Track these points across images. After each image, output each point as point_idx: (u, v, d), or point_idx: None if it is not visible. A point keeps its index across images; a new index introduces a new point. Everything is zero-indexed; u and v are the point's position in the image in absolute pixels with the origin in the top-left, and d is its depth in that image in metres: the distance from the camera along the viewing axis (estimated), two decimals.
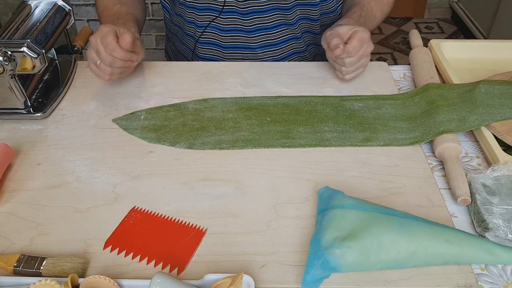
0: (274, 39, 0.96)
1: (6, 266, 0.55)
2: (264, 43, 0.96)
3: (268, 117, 0.79)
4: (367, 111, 0.80)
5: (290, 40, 0.98)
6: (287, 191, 0.66)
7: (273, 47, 0.97)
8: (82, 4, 2.16)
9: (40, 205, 0.64)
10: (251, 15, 0.92)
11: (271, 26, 0.95)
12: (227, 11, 0.92)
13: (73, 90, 0.86)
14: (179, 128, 0.77)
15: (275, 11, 0.93)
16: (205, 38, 0.97)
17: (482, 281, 0.56)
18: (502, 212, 0.59)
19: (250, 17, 0.93)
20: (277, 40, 0.97)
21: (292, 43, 0.98)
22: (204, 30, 0.96)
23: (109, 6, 0.91)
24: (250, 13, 0.92)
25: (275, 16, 0.93)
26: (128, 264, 0.57)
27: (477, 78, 0.82)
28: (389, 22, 2.89)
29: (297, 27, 0.97)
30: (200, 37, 0.97)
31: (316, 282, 0.52)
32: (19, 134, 0.76)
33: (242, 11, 0.92)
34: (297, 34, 0.97)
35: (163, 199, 0.65)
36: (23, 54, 0.73)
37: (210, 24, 0.95)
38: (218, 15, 0.93)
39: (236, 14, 0.93)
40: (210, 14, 0.93)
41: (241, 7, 0.91)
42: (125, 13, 0.89)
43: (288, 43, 0.98)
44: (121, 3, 0.91)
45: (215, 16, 0.93)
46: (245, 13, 0.92)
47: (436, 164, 0.71)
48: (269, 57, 0.98)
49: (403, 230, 0.53)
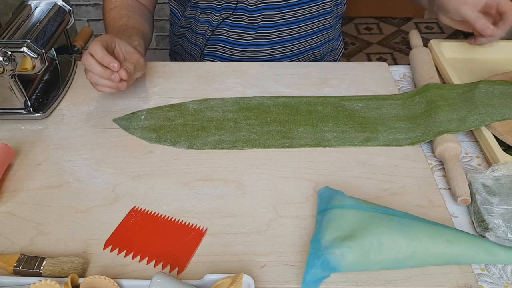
0: (281, 37, 0.97)
1: (6, 266, 0.55)
2: (272, 40, 0.97)
3: (268, 117, 0.79)
4: (367, 111, 0.80)
5: (301, 38, 0.98)
6: (287, 191, 0.66)
7: (280, 44, 0.98)
8: (82, 4, 2.15)
9: (40, 205, 0.64)
10: (258, 12, 0.93)
11: (279, 24, 0.95)
12: (239, 8, 0.93)
13: (73, 90, 0.86)
14: (179, 128, 0.77)
15: (285, 8, 0.93)
16: (216, 36, 0.98)
17: (482, 281, 0.56)
18: (502, 212, 0.59)
19: (256, 14, 0.93)
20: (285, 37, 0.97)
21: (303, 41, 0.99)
22: (215, 29, 0.96)
23: (116, 19, 0.90)
24: (257, 10, 0.93)
25: (284, 14, 0.94)
26: (128, 264, 0.57)
27: (477, 78, 0.82)
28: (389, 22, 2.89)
29: (304, 26, 0.97)
30: (211, 35, 0.98)
31: (316, 282, 0.52)
32: (19, 134, 0.76)
33: (250, 8, 0.92)
34: (305, 32, 0.98)
35: (163, 199, 0.65)
36: (23, 54, 0.73)
37: (223, 22, 0.95)
38: (232, 13, 0.93)
39: (244, 11, 0.93)
40: (225, 12, 0.94)
41: (250, 5, 0.92)
42: (131, 27, 0.88)
43: (298, 40, 0.98)
44: (129, 17, 0.91)
45: (229, 14, 0.94)
46: (253, 10, 0.93)
47: (436, 164, 0.71)
48: (277, 54, 0.99)
49: (403, 230, 0.53)
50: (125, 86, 0.77)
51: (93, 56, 0.73)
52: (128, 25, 0.88)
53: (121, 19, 0.90)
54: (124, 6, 0.93)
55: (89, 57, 0.73)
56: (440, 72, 0.88)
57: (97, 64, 0.73)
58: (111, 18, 0.91)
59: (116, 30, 0.87)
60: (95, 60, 0.73)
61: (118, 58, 0.77)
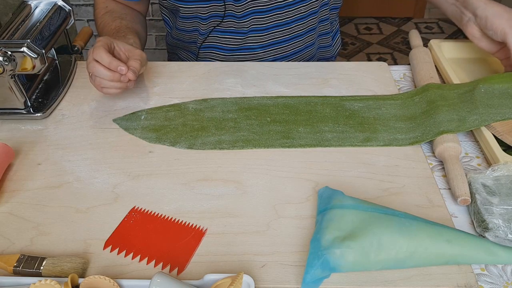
0: (273, 39, 0.97)
1: (6, 266, 0.55)
2: (264, 43, 0.97)
3: (268, 117, 0.79)
4: (367, 111, 0.80)
5: (293, 39, 0.98)
6: (287, 191, 0.66)
7: (272, 47, 0.98)
8: (82, 4, 2.16)
9: (40, 205, 0.64)
10: (248, 17, 0.93)
11: (269, 27, 0.95)
12: (228, 15, 0.93)
13: (73, 90, 0.86)
14: (179, 128, 0.77)
15: (273, 11, 0.93)
16: (208, 43, 0.98)
17: (482, 281, 0.56)
18: (502, 212, 0.59)
19: (246, 20, 0.93)
20: (277, 40, 0.97)
21: (292, 42, 0.98)
22: (207, 36, 0.96)
23: (109, 23, 0.91)
24: (246, 15, 0.93)
25: (272, 16, 0.94)
26: (128, 264, 0.57)
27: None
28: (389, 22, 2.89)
29: (294, 27, 0.97)
30: (203, 42, 0.98)
31: (316, 282, 0.52)
32: (19, 134, 0.76)
33: (238, 14, 0.92)
34: (297, 32, 0.98)
35: (163, 199, 0.65)
36: (23, 54, 0.73)
37: (214, 29, 0.95)
38: (221, 21, 0.93)
39: (233, 18, 0.93)
40: (213, 20, 0.94)
41: (238, 11, 0.92)
42: (124, 27, 0.88)
43: (289, 42, 0.98)
44: (121, 19, 0.91)
45: (219, 22, 0.94)
46: (241, 16, 0.93)
47: (436, 164, 0.71)
48: (269, 57, 0.98)
49: (403, 230, 0.53)
50: (133, 84, 0.77)
51: (98, 62, 0.73)
52: (121, 27, 0.88)
53: (114, 22, 0.90)
54: (116, 10, 0.93)
55: (95, 63, 0.73)
56: (440, 72, 0.88)
57: (105, 69, 0.73)
58: (104, 23, 0.92)
59: (110, 33, 0.87)
60: (102, 66, 0.73)
61: (119, 58, 0.77)
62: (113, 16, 0.92)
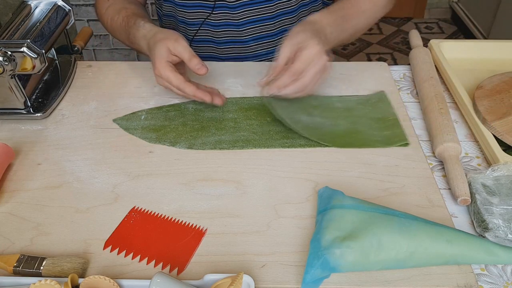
0: (265, 32, 0.97)
1: (6, 266, 0.55)
2: (257, 35, 0.96)
3: (268, 117, 0.79)
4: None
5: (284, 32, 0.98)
6: (287, 191, 0.66)
7: (264, 39, 0.98)
8: (82, 4, 2.16)
9: (40, 205, 0.64)
10: (240, 9, 0.93)
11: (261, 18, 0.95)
12: (218, 6, 0.93)
13: (73, 90, 0.86)
14: (179, 128, 0.77)
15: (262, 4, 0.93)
16: (200, 36, 0.98)
17: (482, 281, 0.56)
18: (502, 212, 0.59)
19: (239, 11, 0.93)
20: (268, 32, 0.97)
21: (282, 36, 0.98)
22: (198, 29, 0.96)
23: (114, 16, 0.90)
24: (239, 6, 0.92)
25: (264, 8, 0.94)
26: (128, 264, 0.57)
27: (477, 78, 0.82)
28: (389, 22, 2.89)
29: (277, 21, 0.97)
30: (195, 36, 0.97)
31: (316, 282, 0.52)
32: (19, 134, 0.76)
33: (231, 5, 0.92)
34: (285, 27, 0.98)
35: (163, 199, 0.65)
36: (23, 54, 0.73)
37: (204, 22, 0.95)
38: (211, 12, 0.93)
39: (226, 9, 0.93)
40: (202, 11, 0.94)
41: (230, 2, 0.92)
42: (131, 14, 0.88)
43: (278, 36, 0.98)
44: (126, 8, 0.90)
45: (208, 14, 0.93)
46: (235, 7, 0.92)
47: (436, 164, 0.71)
48: (262, 50, 0.98)
49: (403, 230, 0.53)
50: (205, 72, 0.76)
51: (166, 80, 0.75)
52: (128, 15, 0.87)
53: (119, 14, 0.89)
54: (118, 1, 0.93)
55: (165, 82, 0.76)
56: (440, 72, 0.88)
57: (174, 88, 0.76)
58: (110, 18, 0.91)
59: (122, 28, 0.87)
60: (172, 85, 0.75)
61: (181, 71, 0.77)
62: (117, 8, 0.91)
